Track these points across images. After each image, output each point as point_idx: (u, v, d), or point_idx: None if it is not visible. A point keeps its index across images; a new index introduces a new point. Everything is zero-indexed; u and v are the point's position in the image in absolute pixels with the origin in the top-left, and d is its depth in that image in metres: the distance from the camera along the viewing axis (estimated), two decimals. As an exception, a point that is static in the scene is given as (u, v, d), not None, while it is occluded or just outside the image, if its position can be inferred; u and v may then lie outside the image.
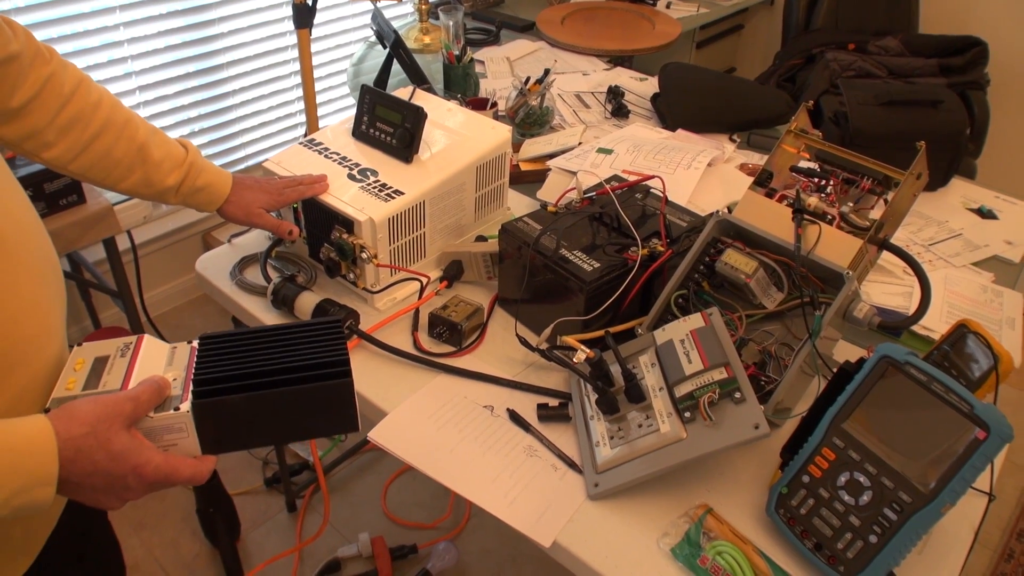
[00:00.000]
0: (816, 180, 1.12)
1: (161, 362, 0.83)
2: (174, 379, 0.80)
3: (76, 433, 0.70)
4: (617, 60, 2.45)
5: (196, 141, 2.65)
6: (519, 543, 2.06)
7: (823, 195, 1.10)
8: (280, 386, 0.79)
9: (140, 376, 0.79)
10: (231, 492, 2.04)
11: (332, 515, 2.16)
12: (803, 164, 1.15)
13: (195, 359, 0.83)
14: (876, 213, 1.07)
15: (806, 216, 1.06)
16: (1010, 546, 2.16)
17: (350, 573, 2.01)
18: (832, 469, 0.88)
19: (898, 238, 1.52)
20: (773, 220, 1.08)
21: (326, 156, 1.31)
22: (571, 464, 1.01)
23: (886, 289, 1.37)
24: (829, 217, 1.06)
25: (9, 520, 0.80)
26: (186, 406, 0.77)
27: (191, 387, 0.79)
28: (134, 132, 1.11)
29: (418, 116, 1.27)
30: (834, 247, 1.03)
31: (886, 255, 1.12)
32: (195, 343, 0.86)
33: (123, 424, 0.73)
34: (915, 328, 1.28)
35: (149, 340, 0.85)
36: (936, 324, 1.29)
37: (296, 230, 1.26)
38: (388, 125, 1.30)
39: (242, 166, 2.83)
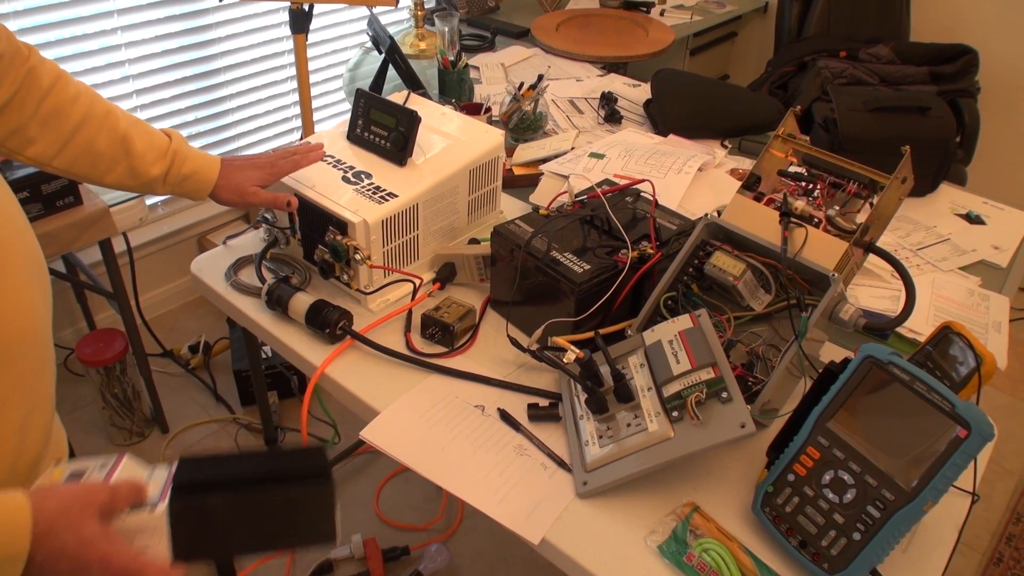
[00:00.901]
0: (803, 184, 1.14)
1: (142, 475, 0.81)
2: (152, 486, 0.79)
3: (50, 509, 0.69)
4: (611, 67, 2.47)
5: (194, 144, 2.66)
6: (511, 545, 2.07)
7: (810, 199, 1.12)
8: (261, 487, 0.77)
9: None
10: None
11: (325, 517, 2.16)
12: (792, 168, 1.17)
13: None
14: (862, 217, 1.09)
15: (793, 219, 1.07)
16: (999, 550, 2.18)
17: (342, 574, 2.01)
18: (817, 467, 0.90)
19: (886, 242, 1.54)
20: (761, 223, 1.10)
21: (321, 159, 1.32)
22: (560, 463, 1.02)
23: (874, 292, 1.39)
24: (816, 220, 1.08)
25: None
26: (162, 507, 0.75)
27: (170, 488, 0.77)
28: (115, 123, 1.11)
29: (412, 120, 1.29)
30: (820, 250, 1.05)
31: (874, 259, 1.14)
32: (174, 465, 0.83)
33: (97, 512, 0.71)
34: (902, 331, 1.30)
35: (129, 459, 0.84)
36: (923, 327, 1.31)
37: (295, 200, 1.22)
38: (382, 129, 1.32)
39: (238, 170, 2.84)
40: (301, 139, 1.36)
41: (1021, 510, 2.27)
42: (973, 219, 1.66)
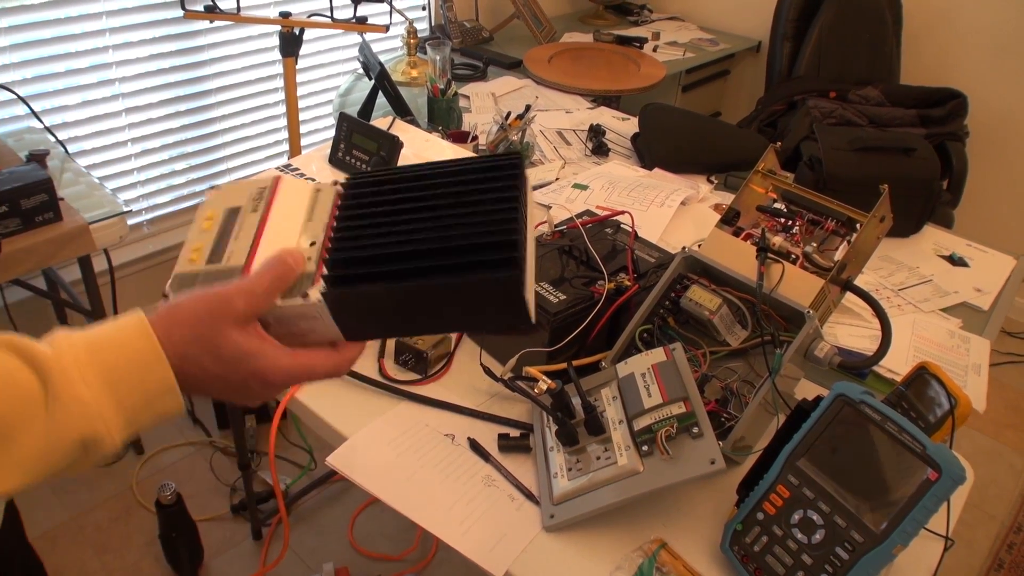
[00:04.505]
0: (782, 220, 1.14)
1: (299, 217, 0.68)
2: (312, 243, 0.66)
3: (178, 339, 0.60)
4: (603, 100, 2.48)
5: (181, 164, 2.66)
6: (486, 579, 2.04)
7: (788, 235, 1.12)
8: (424, 277, 0.61)
9: (269, 245, 0.66)
10: (196, 518, 2.01)
11: (298, 544, 2.13)
12: (772, 204, 1.17)
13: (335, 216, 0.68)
14: (840, 254, 1.08)
15: (770, 255, 1.07)
16: (980, 596, 2.15)
17: (314, 604, 1.98)
18: (786, 507, 0.88)
19: (868, 281, 1.54)
20: (738, 258, 1.09)
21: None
22: (528, 495, 1.01)
23: (853, 331, 1.38)
24: (793, 256, 1.07)
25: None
26: (315, 293, 0.63)
27: (322, 270, 0.64)
28: None
29: (394, 145, 1.28)
30: (797, 286, 1.04)
31: (855, 298, 1.13)
32: (339, 186, 0.71)
33: (234, 322, 0.61)
34: (880, 370, 1.29)
35: (287, 184, 0.71)
36: (901, 367, 1.30)
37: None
38: (364, 152, 1.32)
39: (226, 191, 2.83)
40: (288, 160, 1.36)
41: (1003, 556, 2.25)
42: (956, 261, 1.66)
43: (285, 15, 2.16)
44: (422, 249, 0.62)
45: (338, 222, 0.67)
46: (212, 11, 2.10)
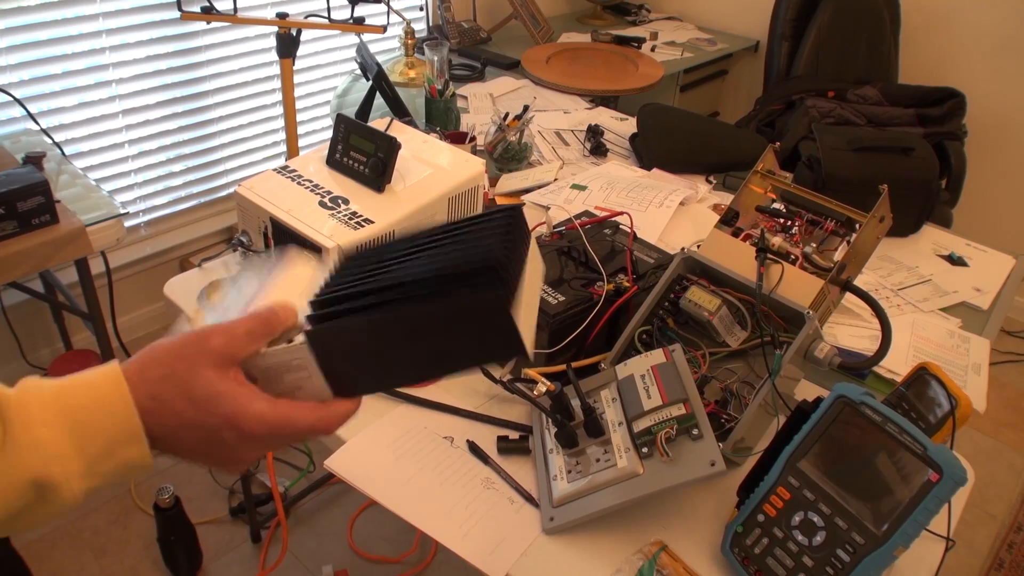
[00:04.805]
0: (781, 220, 1.13)
1: (301, 281, 0.67)
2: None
3: (152, 376, 0.57)
4: (601, 100, 2.48)
5: (179, 166, 2.66)
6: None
7: (787, 235, 1.11)
8: (404, 304, 0.58)
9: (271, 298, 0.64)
10: (195, 521, 2.01)
11: (297, 547, 2.13)
12: (771, 205, 1.16)
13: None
14: (839, 255, 1.08)
15: (769, 255, 1.06)
16: (980, 596, 2.15)
17: (313, 607, 1.98)
18: (787, 509, 0.88)
19: (867, 281, 1.53)
20: (737, 258, 1.09)
21: (298, 183, 1.31)
22: (528, 497, 1.00)
23: (853, 331, 1.37)
24: (792, 257, 1.07)
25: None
26: (301, 336, 0.61)
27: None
28: None
29: (391, 146, 1.28)
30: (796, 287, 1.04)
31: (854, 298, 1.13)
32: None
33: (211, 362, 0.58)
34: (880, 371, 1.28)
35: (296, 253, 0.71)
36: (902, 368, 1.29)
37: None
38: (361, 154, 1.31)
39: (223, 193, 2.83)
40: (286, 162, 1.35)
41: (1003, 556, 2.25)
42: (955, 260, 1.66)
43: (282, 16, 2.15)
44: (405, 281, 0.59)
45: (330, 276, 0.65)
46: (209, 12, 2.09)
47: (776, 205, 1.16)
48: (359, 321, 0.59)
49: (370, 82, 1.96)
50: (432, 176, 1.34)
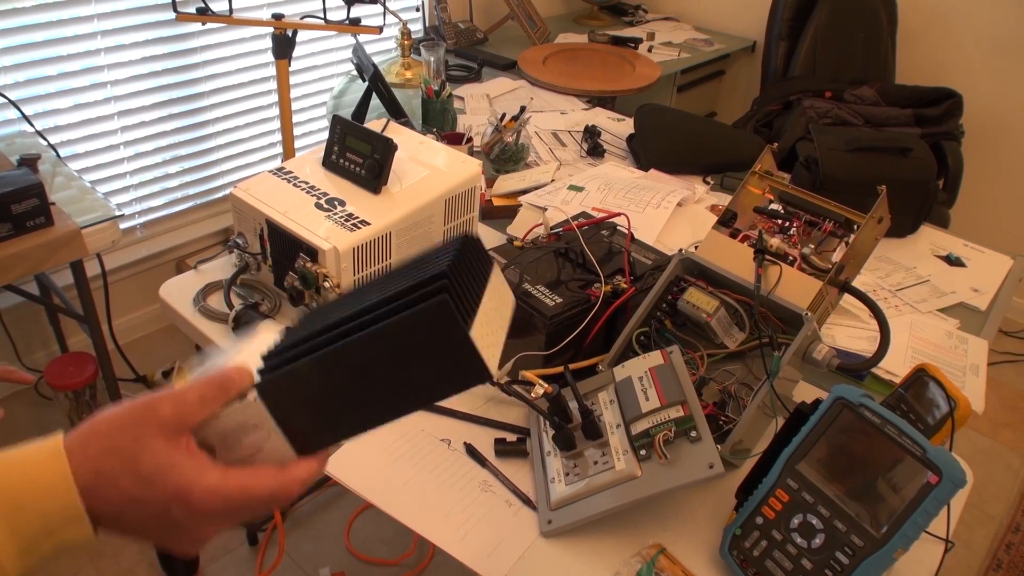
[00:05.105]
0: (779, 221, 1.13)
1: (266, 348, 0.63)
2: None
3: (95, 450, 0.53)
4: (598, 101, 2.48)
5: (174, 167, 2.65)
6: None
7: (785, 236, 1.11)
8: (352, 333, 0.55)
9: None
10: (192, 523, 2.00)
11: (294, 550, 2.12)
12: (769, 206, 1.16)
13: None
14: (837, 256, 1.07)
15: (767, 256, 1.06)
16: (979, 596, 2.15)
17: (310, 610, 1.97)
18: (785, 511, 0.88)
19: (865, 282, 1.53)
20: (735, 260, 1.08)
21: (294, 184, 1.30)
22: (526, 500, 1.00)
23: (851, 332, 1.37)
24: (790, 258, 1.07)
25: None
26: (253, 393, 0.58)
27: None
28: None
29: (387, 147, 1.27)
30: (795, 288, 1.03)
31: (853, 299, 1.13)
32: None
33: (158, 431, 0.53)
34: (878, 372, 1.28)
35: (267, 327, 0.67)
36: (900, 369, 1.29)
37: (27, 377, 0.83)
38: (357, 156, 1.30)
39: (220, 195, 2.83)
40: (282, 163, 1.35)
41: (1001, 556, 2.25)
42: (953, 261, 1.66)
43: (278, 17, 2.15)
44: (351, 314, 0.57)
45: (287, 331, 0.63)
46: (204, 13, 2.09)
47: (774, 206, 1.16)
48: (308, 362, 0.56)
49: (366, 83, 1.96)
50: (429, 177, 1.33)
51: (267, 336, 0.64)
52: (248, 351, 0.62)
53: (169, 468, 0.53)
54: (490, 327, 0.58)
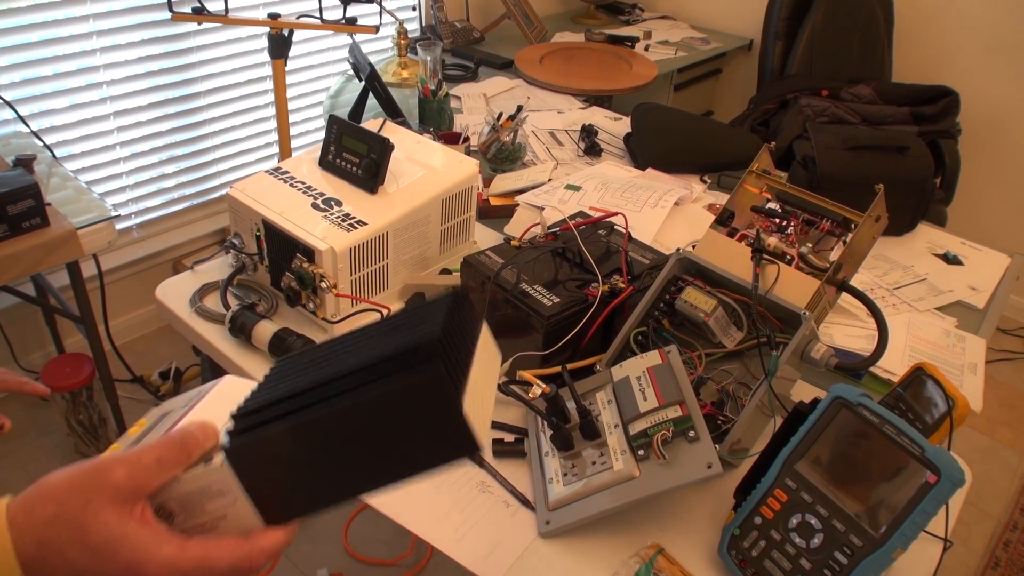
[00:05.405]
0: (777, 220, 1.13)
1: (232, 407, 0.58)
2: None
3: (40, 518, 0.48)
4: (595, 100, 2.47)
5: (171, 167, 2.65)
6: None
7: (783, 235, 1.11)
8: (330, 401, 0.51)
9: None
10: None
11: (292, 551, 2.12)
12: (767, 205, 1.16)
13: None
14: (835, 255, 1.07)
15: (765, 256, 1.06)
16: (977, 594, 2.15)
17: (308, 610, 1.97)
18: (784, 511, 0.87)
19: (862, 281, 1.53)
20: (733, 259, 1.08)
21: (291, 185, 1.30)
22: (524, 501, 0.99)
23: (849, 331, 1.37)
24: (788, 257, 1.06)
25: None
26: (220, 455, 0.53)
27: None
28: None
29: (384, 147, 1.27)
30: (792, 287, 1.03)
31: (850, 298, 1.12)
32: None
33: (111, 499, 0.49)
34: (876, 371, 1.28)
35: (230, 382, 0.64)
36: (898, 367, 1.29)
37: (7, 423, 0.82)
38: (354, 155, 1.30)
39: (216, 195, 2.82)
40: (278, 163, 1.34)
41: (999, 554, 2.25)
42: (951, 259, 1.66)
43: (274, 16, 2.15)
44: (331, 378, 0.53)
45: (258, 386, 0.58)
46: (200, 13, 2.08)
47: (771, 205, 1.15)
48: (282, 429, 0.51)
49: (363, 83, 1.96)
50: (425, 177, 1.33)
51: (233, 385, 0.61)
52: (212, 404, 0.59)
53: (121, 539, 0.49)
54: (480, 396, 0.55)
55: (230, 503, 0.54)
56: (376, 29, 2.18)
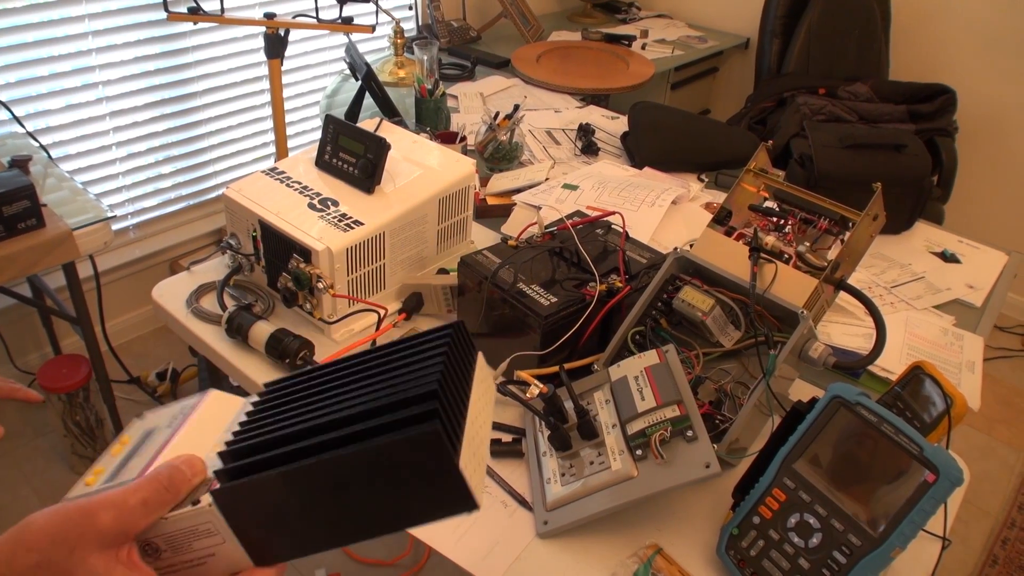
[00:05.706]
0: (774, 219, 1.13)
1: (217, 429, 0.59)
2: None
3: (21, 566, 0.47)
4: (592, 99, 2.47)
5: (167, 167, 2.64)
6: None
7: (781, 234, 1.10)
8: (323, 452, 0.51)
9: (172, 456, 0.55)
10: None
11: (290, 551, 2.11)
12: (764, 203, 1.15)
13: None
14: (833, 253, 1.07)
15: (763, 255, 1.06)
16: (975, 592, 2.15)
17: (306, 611, 1.96)
18: (782, 510, 0.87)
19: (860, 279, 1.53)
20: (731, 258, 1.08)
21: (287, 184, 1.30)
22: (522, 501, 0.99)
23: (847, 330, 1.37)
24: (786, 256, 1.06)
25: None
26: (208, 498, 0.53)
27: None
28: None
29: (380, 147, 1.27)
30: (790, 286, 1.03)
31: (848, 297, 1.12)
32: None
33: (95, 543, 0.48)
34: (874, 370, 1.28)
35: (215, 398, 0.63)
36: (896, 366, 1.29)
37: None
38: (350, 155, 1.30)
39: (213, 195, 2.82)
40: (275, 163, 1.34)
41: (997, 552, 2.25)
42: (948, 258, 1.66)
43: (270, 16, 2.14)
44: (324, 423, 0.52)
45: (247, 418, 0.58)
46: (196, 13, 2.08)
47: (769, 204, 1.15)
48: (274, 475, 0.51)
49: (359, 82, 1.95)
50: (422, 177, 1.33)
51: (219, 401, 0.61)
52: (198, 425, 0.58)
53: None
54: (476, 446, 0.55)
55: (218, 543, 0.54)
56: (372, 28, 2.18)
